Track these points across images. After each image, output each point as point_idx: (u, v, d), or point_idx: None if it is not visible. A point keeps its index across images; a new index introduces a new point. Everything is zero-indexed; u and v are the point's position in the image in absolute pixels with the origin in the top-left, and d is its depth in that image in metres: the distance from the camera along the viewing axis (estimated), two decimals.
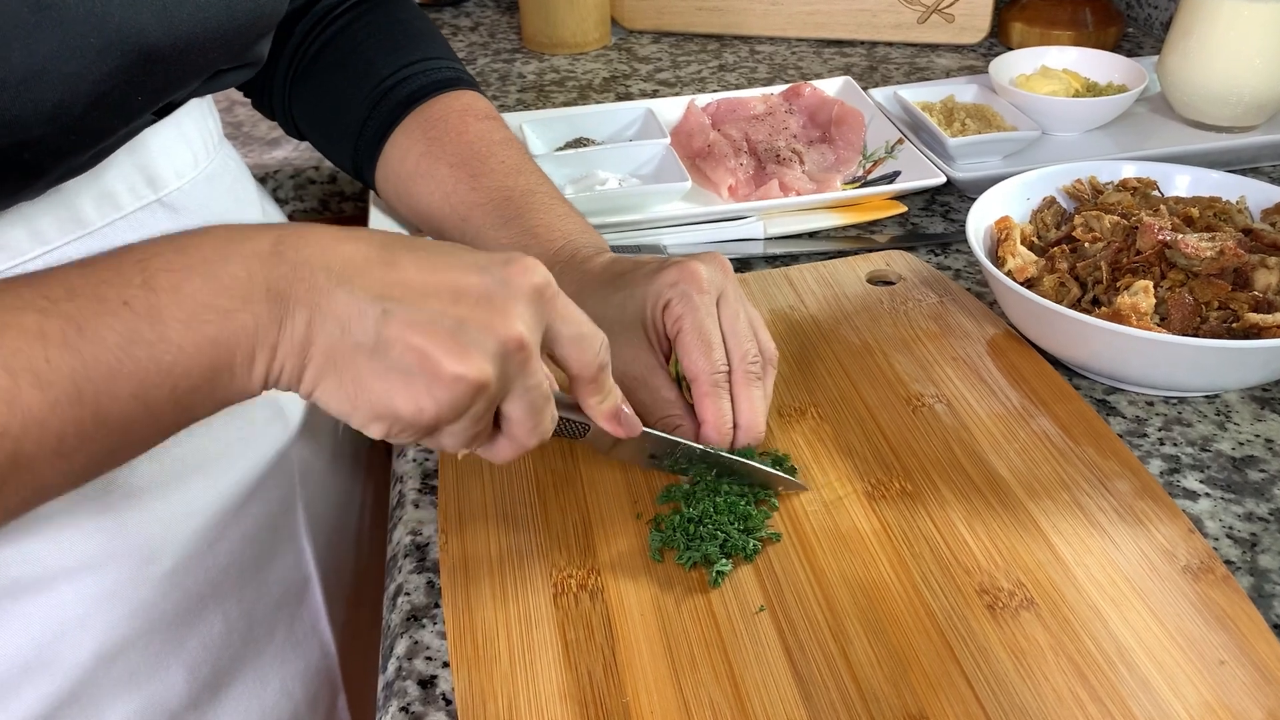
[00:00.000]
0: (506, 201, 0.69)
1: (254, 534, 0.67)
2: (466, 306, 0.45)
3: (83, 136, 0.50)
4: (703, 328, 0.59)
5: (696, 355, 0.59)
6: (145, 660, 0.61)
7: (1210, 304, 0.67)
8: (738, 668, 0.52)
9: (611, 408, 0.55)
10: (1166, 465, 0.65)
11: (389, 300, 0.44)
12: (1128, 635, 0.52)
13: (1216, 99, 0.98)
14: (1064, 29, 1.26)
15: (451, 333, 0.44)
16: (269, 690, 0.69)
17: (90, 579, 0.57)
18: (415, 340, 0.44)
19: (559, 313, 0.49)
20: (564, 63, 1.31)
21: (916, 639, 0.53)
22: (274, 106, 0.79)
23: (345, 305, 0.44)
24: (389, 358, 0.44)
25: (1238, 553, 0.59)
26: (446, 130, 0.73)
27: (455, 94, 0.75)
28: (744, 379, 0.61)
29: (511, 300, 0.46)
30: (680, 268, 0.60)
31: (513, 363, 0.46)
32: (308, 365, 0.45)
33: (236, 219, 0.66)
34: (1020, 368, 0.71)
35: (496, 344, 0.45)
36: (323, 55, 0.75)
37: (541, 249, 0.67)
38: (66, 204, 0.55)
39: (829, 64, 1.29)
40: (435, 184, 0.72)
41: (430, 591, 0.58)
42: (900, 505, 0.61)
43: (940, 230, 0.91)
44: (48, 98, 0.47)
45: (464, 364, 0.44)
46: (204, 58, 0.55)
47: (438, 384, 0.44)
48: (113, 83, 0.49)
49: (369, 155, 0.75)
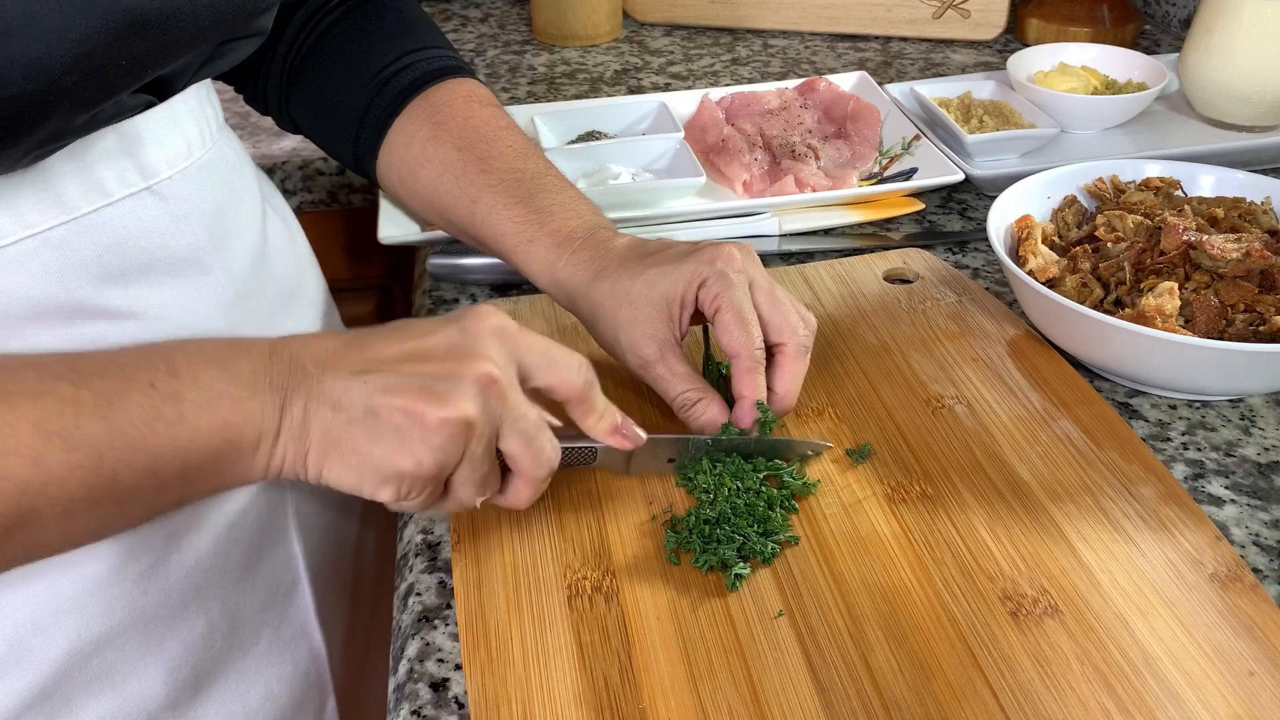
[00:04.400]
0: (518, 183, 0.69)
1: (241, 534, 0.65)
2: (436, 361, 0.50)
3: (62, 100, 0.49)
4: (741, 307, 0.61)
5: (737, 332, 0.60)
6: (122, 659, 0.59)
7: (1236, 306, 0.66)
8: (756, 674, 0.51)
9: (610, 424, 0.56)
10: (1191, 470, 0.64)
11: (368, 373, 0.49)
12: (1155, 644, 0.51)
13: (1238, 97, 0.97)
14: (1081, 25, 1.25)
15: (428, 386, 0.49)
16: (253, 692, 0.67)
17: (66, 574, 0.56)
18: (399, 401, 0.48)
19: (525, 346, 0.53)
20: (575, 55, 1.30)
21: (939, 646, 0.52)
22: (268, 100, 0.77)
23: (333, 387, 0.49)
24: (380, 423, 0.48)
25: (1265, 560, 0.58)
26: (452, 115, 0.72)
27: (457, 81, 0.74)
28: (795, 352, 0.62)
29: (475, 344, 0.51)
30: (716, 248, 0.62)
31: (491, 397, 0.50)
32: (309, 449, 0.49)
33: (232, 210, 0.65)
34: (1041, 369, 0.70)
35: (471, 383, 0.49)
36: (320, 46, 0.74)
37: (557, 225, 0.67)
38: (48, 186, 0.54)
39: (843, 59, 1.27)
40: (443, 167, 0.71)
41: (442, 592, 0.57)
42: (920, 509, 0.60)
43: (958, 228, 0.90)
44: (24, 52, 0.46)
45: (446, 408, 0.48)
46: (194, 25, 0.53)
47: (429, 433, 0.48)
48: (94, 43, 0.48)
49: (370, 143, 0.74)
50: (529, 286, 0.83)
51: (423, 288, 0.85)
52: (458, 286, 0.84)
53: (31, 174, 0.53)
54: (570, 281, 0.65)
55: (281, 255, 0.72)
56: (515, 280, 0.83)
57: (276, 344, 0.50)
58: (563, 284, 0.66)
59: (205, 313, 0.61)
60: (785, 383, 0.62)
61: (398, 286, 1.15)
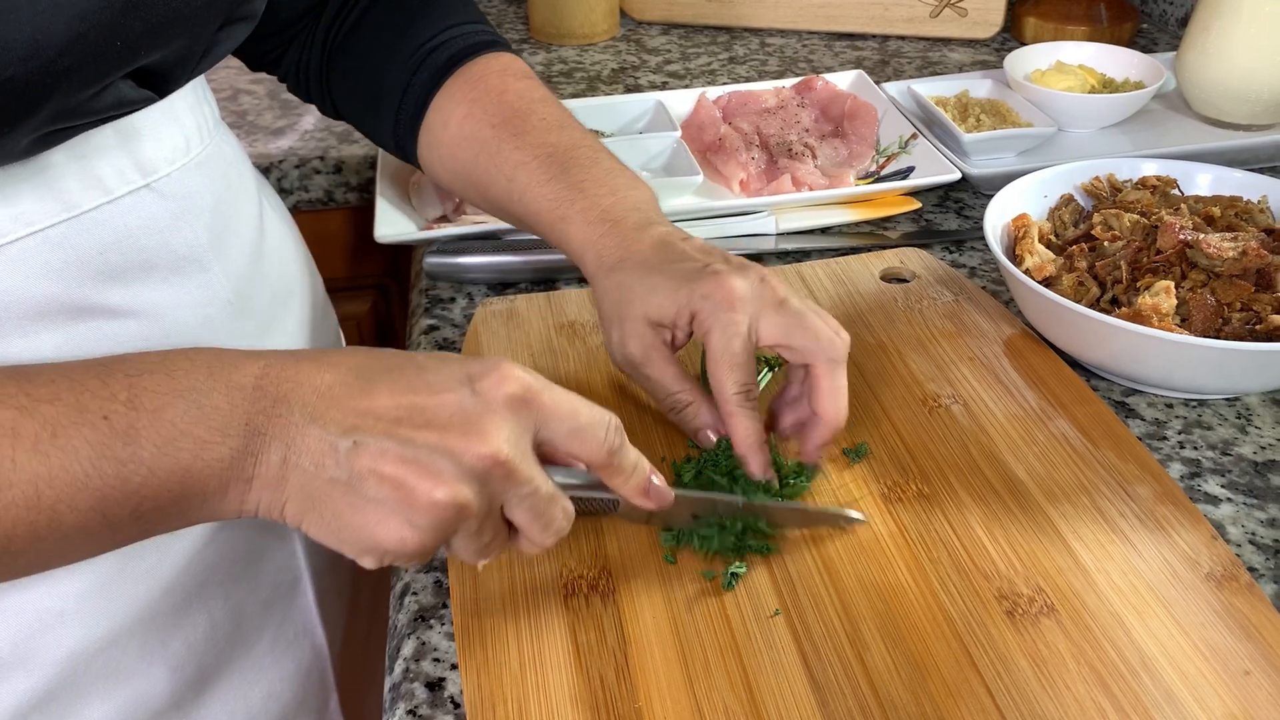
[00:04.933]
0: (550, 158, 0.68)
1: (242, 531, 0.65)
2: (437, 429, 0.44)
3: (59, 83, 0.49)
4: (729, 347, 0.58)
5: (720, 375, 0.58)
6: (126, 658, 0.59)
7: (1232, 305, 0.66)
8: (752, 673, 0.51)
9: (639, 484, 0.52)
10: (1187, 469, 0.64)
11: (358, 432, 0.44)
12: (1151, 644, 0.51)
13: (1235, 96, 0.97)
14: (1078, 24, 1.25)
15: (422, 459, 0.44)
16: (256, 691, 0.67)
17: (70, 575, 0.56)
18: (387, 470, 0.44)
19: (548, 414, 0.48)
20: (572, 54, 1.30)
21: (935, 645, 0.52)
22: (310, 87, 0.78)
23: (317, 442, 0.44)
24: (364, 491, 0.44)
25: (1261, 559, 0.58)
26: (487, 90, 0.72)
27: (493, 55, 0.74)
28: (826, 369, 0.58)
29: (486, 416, 0.45)
30: (717, 282, 0.59)
31: (494, 479, 0.45)
32: (287, 501, 0.45)
33: (229, 208, 0.65)
34: (1038, 368, 0.70)
35: (472, 464, 0.44)
36: (357, 31, 0.75)
37: (588, 203, 0.66)
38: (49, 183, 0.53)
39: (840, 57, 1.27)
40: (479, 146, 0.71)
41: (438, 591, 0.57)
42: (917, 508, 0.59)
43: (954, 227, 0.90)
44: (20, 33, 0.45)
45: (438, 489, 0.44)
46: (189, 6, 0.53)
47: (415, 512, 0.44)
48: (89, 23, 0.48)
49: (411, 123, 0.74)
50: (526, 285, 0.83)
51: (419, 286, 0.85)
52: (454, 285, 0.84)
53: (31, 171, 0.52)
54: (594, 264, 0.64)
55: (278, 253, 0.72)
56: (512, 279, 0.83)
57: (265, 374, 0.46)
58: (587, 265, 0.65)
59: (205, 310, 0.61)
60: (823, 402, 0.58)
61: (395, 285, 1.15)
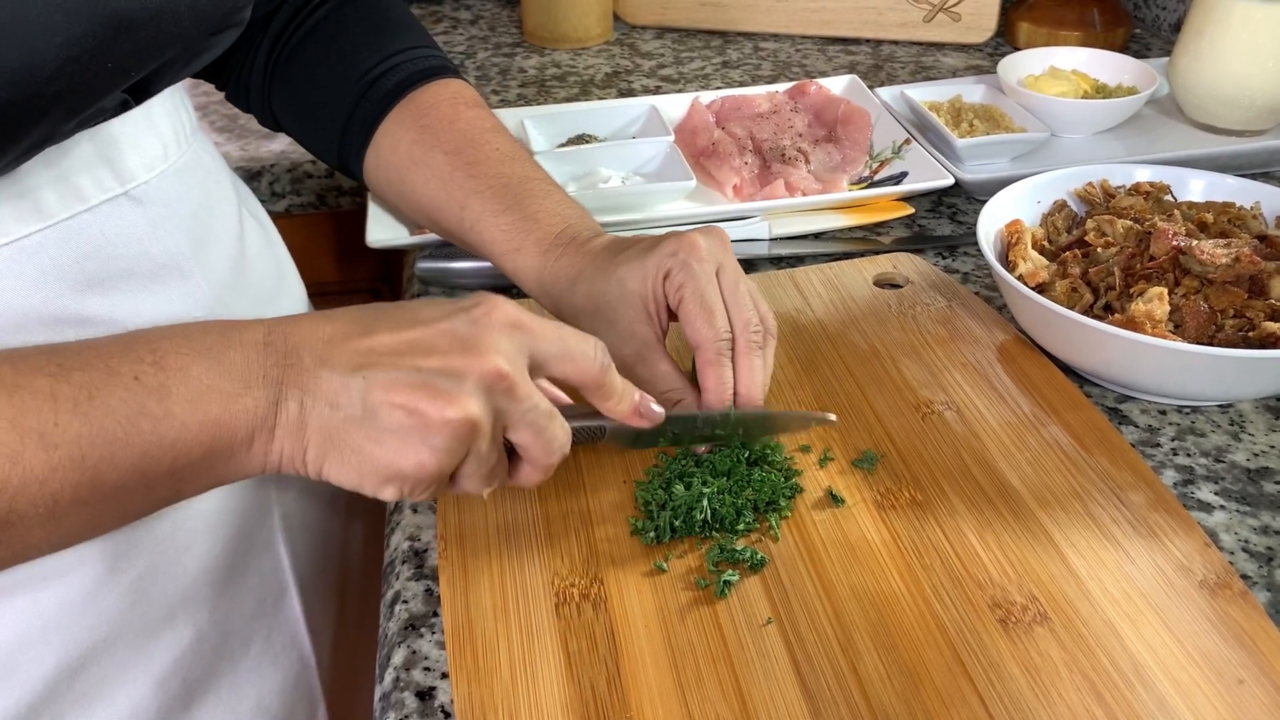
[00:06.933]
0: (505, 189, 0.69)
1: (227, 541, 0.65)
2: (439, 355, 0.47)
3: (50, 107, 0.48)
4: (704, 295, 0.59)
5: (700, 323, 0.59)
6: (110, 673, 0.58)
7: (1226, 312, 0.66)
8: (744, 682, 0.50)
9: (630, 405, 0.55)
10: (1180, 476, 0.64)
11: (366, 369, 0.47)
12: (1144, 652, 0.51)
13: (1228, 102, 0.97)
14: (1071, 29, 1.25)
15: (430, 382, 0.47)
16: (244, 703, 0.67)
17: (52, 588, 0.55)
18: (398, 399, 0.46)
19: (538, 336, 0.51)
20: (565, 58, 1.30)
21: (928, 654, 0.51)
22: (250, 99, 0.77)
23: (329, 383, 0.47)
24: (379, 422, 0.47)
25: (1254, 567, 0.57)
26: (439, 118, 0.72)
27: (443, 82, 0.74)
28: (746, 347, 0.60)
29: (483, 336, 0.48)
30: (679, 239, 0.61)
31: (498, 394, 0.48)
32: (308, 446, 0.48)
33: (208, 214, 0.65)
34: (1031, 374, 0.70)
35: (476, 380, 0.47)
36: (304, 46, 0.74)
37: (543, 233, 0.67)
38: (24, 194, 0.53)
39: (833, 62, 1.27)
40: (431, 172, 0.71)
41: (429, 599, 0.57)
42: (910, 515, 0.59)
43: (948, 232, 0.90)
44: (11, 58, 0.45)
45: (450, 407, 0.46)
46: (177, 25, 0.53)
47: (431, 433, 0.47)
48: (81, 47, 0.48)
49: (357, 146, 0.74)
50: (518, 290, 0.82)
51: (411, 291, 0.84)
52: (446, 290, 0.83)
53: (6, 182, 0.52)
54: (554, 288, 0.65)
55: (259, 258, 0.71)
56: (504, 284, 0.83)
57: (271, 331, 0.48)
58: (548, 290, 0.66)
59: (186, 318, 0.61)
60: (741, 381, 0.60)
61: (386, 290, 1.15)
